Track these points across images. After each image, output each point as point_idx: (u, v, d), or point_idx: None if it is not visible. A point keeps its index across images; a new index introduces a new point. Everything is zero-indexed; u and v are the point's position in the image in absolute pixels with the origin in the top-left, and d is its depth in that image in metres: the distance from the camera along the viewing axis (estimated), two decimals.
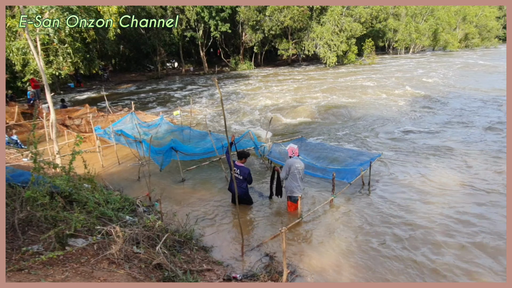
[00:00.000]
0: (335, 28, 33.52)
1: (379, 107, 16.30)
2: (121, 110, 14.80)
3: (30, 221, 4.18)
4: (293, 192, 6.21)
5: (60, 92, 24.00)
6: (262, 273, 4.55)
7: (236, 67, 37.88)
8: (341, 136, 11.92)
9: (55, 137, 8.59)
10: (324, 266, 4.89)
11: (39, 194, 4.09)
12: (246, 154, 6.66)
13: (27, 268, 3.30)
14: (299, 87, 23.24)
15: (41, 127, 10.64)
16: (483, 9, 61.37)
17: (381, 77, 26.39)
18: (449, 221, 6.05)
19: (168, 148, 7.99)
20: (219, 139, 9.03)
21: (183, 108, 17.24)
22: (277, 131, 12.99)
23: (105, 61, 32.48)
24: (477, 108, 15.16)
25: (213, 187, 7.82)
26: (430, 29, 50.45)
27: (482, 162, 8.77)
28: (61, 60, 14.64)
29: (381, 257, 5.08)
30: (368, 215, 6.34)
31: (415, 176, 8.10)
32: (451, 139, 10.88)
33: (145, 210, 6.27)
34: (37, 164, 4.36)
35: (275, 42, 36.69)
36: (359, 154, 8.68)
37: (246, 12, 32.18)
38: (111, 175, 8.79)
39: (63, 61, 14.73)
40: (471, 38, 60.81)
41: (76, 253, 3.87)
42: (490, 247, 5.26)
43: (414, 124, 13.01)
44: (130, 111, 12.24)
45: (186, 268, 4.19)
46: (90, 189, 5.57)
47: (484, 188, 7.34)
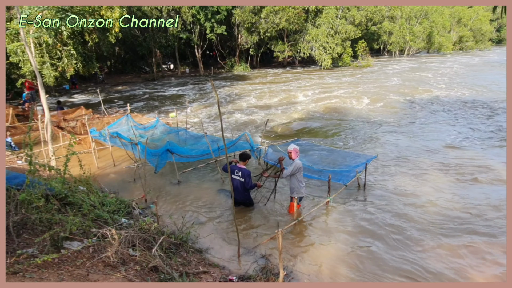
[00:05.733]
0: (330, 31, 33.70)
1: (375, 109, 16.41)
2: (116, 112, 14.75)
3: (25, 224, 4.16)
4: (300, 192, 6.21)
5: (55, 94, 23.84)
6: (258, 275, 4.55)
7: (232, 69, 37.90)
8: (336, 138, 11.97)
9: (50, 139, 8.54)
10: (320, 268, 4.90)
11: (34, 196, 4.07)
12: (248, 156, 6.66)
13: (22, 271, 3.28)
14: (295, 88, 23.32)
15: (36, 129, 10.57)
16: (478, 13, 62.00)
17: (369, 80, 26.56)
18: (445, 221, 6.10)
19: (164, 150, 7.97)
20: (215, 141, 9.03)
21: (179, 110, 17.21)
22: (273, 133, 13.02)
23: (101, 62, 32.32)
24: (473, 110, 15.33)
25: (209, 189, 7.81)
26: (425, 31, 50.88)
27: (478, 162, 8.87)
28: (66, 62, 14.61)
29: (377, 259, 5.10)
30: (363, 217, 6.36)
31: (410, 178, 8.15)
32: (446, 140, 11.00)
33: (141, 213, 6.25)
34: (32, 166, 4.34)
35: (271, 44, 36.81)
36: (355, 156, 8.73)
37: (241, 14, 32.25)
38: (107, 177, 8.74)
39: (68, 63, 14.71)
40: (465, 41, 61.42)
41: (72, 256, 3.85)
42: (488, 249, 5.31)
43: (410, 127, 13.11)
44: (126, 113, 12.20)
45: (182, 271, 4.18)
46: (85, 192, 5.54)
47: (482, 188, 7.42)
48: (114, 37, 15.47)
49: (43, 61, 14.24)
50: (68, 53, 14.58)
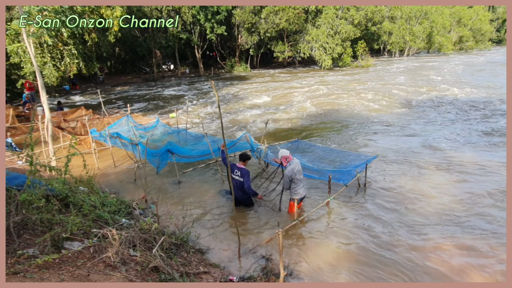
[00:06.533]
0: (330, 31, 33.70)
1: (376, 109, 16.41)
2: (117, 113, 14.76)
3: (25, 224, 4.16)
4: (297, 193, 6.18)
5: (55, 94, 23.83)
6: (259, 275, 4.56)
7: (232, 69, 37.88)
8: (336, 137, 11.96)
9: (50, 139, 8.54)
10: (321, 268, 4.90)
11: (34, 197, 4.07)
12: (248, 156, 6.66)
13: (23, 271, 3.28)
14: (295, 88, 23.32)
15: (37, 130, 10.57)
16: (478, 13, 61.95)
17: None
18: (445, 221, 6.10)
19: (165, 150, 7.97)
20: (215, 141, 9.03)
21: (179, 110, 17.22)
22: (273, 133, 13.01)
23: (101, 63, 32.31)
24: (472, 111, 15.33)
25: (210, 189, 7.81)
26: (425, 32, 50.84)
27: (477, 162, 8.86)
28: (68, 62, 14.65)
29: (378, 258, 5.10)
30: (364, 217, 6.37)
31: (411, 177, 8.15)
32: (445, 141, 10.99)
33: (141, 213, 6.26)
34: (33, 167, 4.34)
35: (271, 45, 36.80)
36: (355, 156, 8.74)
37: (241, 14, 32.24)
38: (107, 178, 8.75)
39: (70, 62, 14.76)
40: (465, 41, 61.36)
41: (72, 256, 3.85)
42: (488, 249, 5.31)
43: (409, 128, 13.11)
44: (126, 114, 12.20)
45: (182, 271, 4.18)
46: (86, 192, 5.55)
47: (481, 188, 7.42)
48: (113, 36, 15.47)
49: (44, 61, 14.26)
50: (69, 53, 14.60)
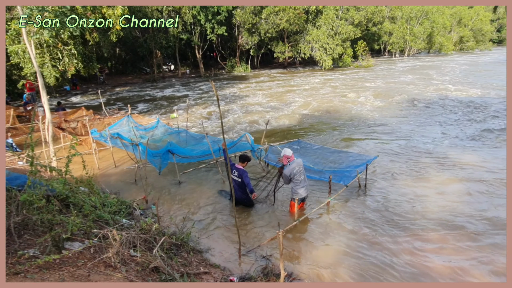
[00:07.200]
0: (330, 31, 33.70)
1: (376, 109, 16.40)
2: (117, 113, 14.77)
3: (26, 224, 4.16)
4: (297, 194, 6.20)
5: (56, 95, 23.86)
6: (259, 275, 4.55)
7: (233, 69, 37.88)
8: (336, 137, 11.95)
9: (51, 140, 8.54)
10: (321, 268, 4.90)
11: (35, 197, 4.07)
12: (247, 158, 6.66)
13: (23, 272, 3.28)
14: (295, 89, 23.33)
15: (37, 130, 10.58)
16: (478, 13, 61.90)
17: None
18: (445, 221, 6.09)
19: (165, 151, 7.98)
20: (216, 141, 9.03)
21: (180, 110, 17.23)
22: (273, 133, 13.01)
23: (101, 63, 32.34)
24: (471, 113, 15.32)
25: (210, 189, 7.81)
26: (425, 32, 50.82)
27: (477, 163, 8.86)
28: (67, 61, 14.66)
29: (378, 258, 5.10)
30: (364, 217, 6.36)
31: (411, 178, 8.15)
32: (447, 141, 10.98)
33: (142, 213, 6.26)
34: (33, 167, 4.34)
35: (271, 45, 36.79)
36: (356, 156, 8.73)
37: (242, 15, 32.24)
38: (108, 178, 8.75)
39: (69, 62, 14.77)
40: (466, 41, 61.32)
41: (73, 257, 3.85)
42: (488, 248, 5.31)
43: (410, 128, 13.10)
44: (127, 114, 12.21)
45: (183, 271, 4.18)
46: (86, 192, 5.55)
47: (482, 188, 7.41)
48: (115, 36, 15.46)
49: (44, 62, 14.26)
50: (69, 53, 14.61)
